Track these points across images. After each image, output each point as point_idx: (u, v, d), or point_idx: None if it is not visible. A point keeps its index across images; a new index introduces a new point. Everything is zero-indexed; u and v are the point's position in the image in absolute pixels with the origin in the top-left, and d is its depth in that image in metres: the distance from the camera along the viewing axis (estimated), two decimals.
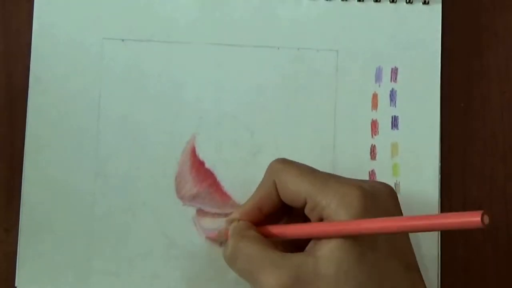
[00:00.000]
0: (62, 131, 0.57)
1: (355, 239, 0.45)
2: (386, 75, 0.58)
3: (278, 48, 0.58)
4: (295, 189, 0.49)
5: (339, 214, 0.46)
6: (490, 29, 0.60)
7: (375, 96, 0.58)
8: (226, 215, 0.56)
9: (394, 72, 0.58)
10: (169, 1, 0.58)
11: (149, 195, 0.57)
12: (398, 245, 0.48)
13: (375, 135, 0.58)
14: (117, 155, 0.57)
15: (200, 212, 0.57)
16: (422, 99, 0.58)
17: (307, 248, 0.48)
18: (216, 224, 0.56)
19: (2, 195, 0.57)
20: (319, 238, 0.47)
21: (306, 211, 0.49)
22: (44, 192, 0.56)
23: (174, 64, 0.58)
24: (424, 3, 0.58)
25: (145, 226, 0.56)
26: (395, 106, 0.58)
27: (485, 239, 0.57)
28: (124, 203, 0.56)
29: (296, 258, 0.47)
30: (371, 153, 0.57)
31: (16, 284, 0.56)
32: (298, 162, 0.51)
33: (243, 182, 0.57)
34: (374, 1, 0.59)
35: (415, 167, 0.57)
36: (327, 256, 0.45)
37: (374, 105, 0.58)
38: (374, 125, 0.58)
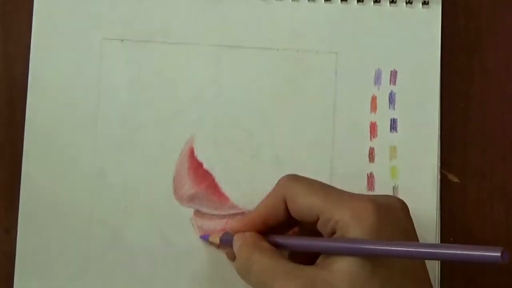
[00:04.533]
0: (61, 131, 0.57)
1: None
2: (385, 77, 0.58)
3: (278, 50, 0.58)
4: (307, 205, 0.49)
5: (353, 228, 0.46)
6: (490, 29, 0.60)
7: (374, 99, 0.58)
8: (224, 216, 0.56)
9: (394, 74, 0.58)
10: (169, 2, 0.58)
11: (147, 195, 0.57)
12: (411, 264, 0.47)
13: (373, 137, 0.57)
14: (116, 156, 0.57)
15: (198, 213, 0.57)
16: (421, 102, 0.58)
17: (318, 261, 0.48)
18: (214, 225, 0.56)
19: (2, 196, 0.57)
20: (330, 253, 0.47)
21: (319, 226, 0.49)
22: (43, 192, 0.56)
23: (173, 65, 0.58)
24: (424, 4, 0.58)
25: (143, 226, 0.56)
26: (394, 109, 0.58)
27: (486, 241, 0.57)
28: (122, 204, 0.57)
29: (310, 270, 0.47)
30: (369, 155, 0.57)
31: (15, 285, 0.56)
32: (308, 178, 0.51)
33: (241, 183, 0.57)
34: (373, 2, 0.58)
35: (413, 170, 0.57)
36: (341, 270, 0.45)
37: (373, 108, 0.58)
38: (373, 127, 0.58)
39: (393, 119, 0.58)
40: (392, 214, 0.48)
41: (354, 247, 0.45)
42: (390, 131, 0.58)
